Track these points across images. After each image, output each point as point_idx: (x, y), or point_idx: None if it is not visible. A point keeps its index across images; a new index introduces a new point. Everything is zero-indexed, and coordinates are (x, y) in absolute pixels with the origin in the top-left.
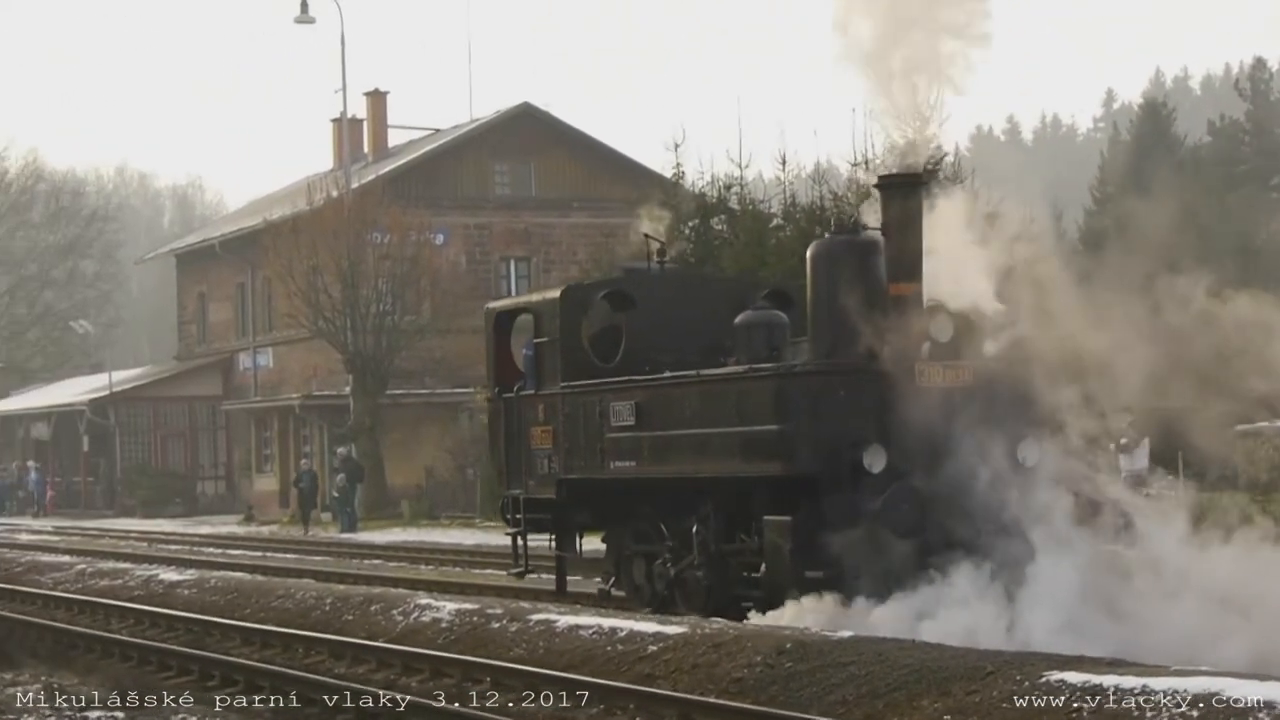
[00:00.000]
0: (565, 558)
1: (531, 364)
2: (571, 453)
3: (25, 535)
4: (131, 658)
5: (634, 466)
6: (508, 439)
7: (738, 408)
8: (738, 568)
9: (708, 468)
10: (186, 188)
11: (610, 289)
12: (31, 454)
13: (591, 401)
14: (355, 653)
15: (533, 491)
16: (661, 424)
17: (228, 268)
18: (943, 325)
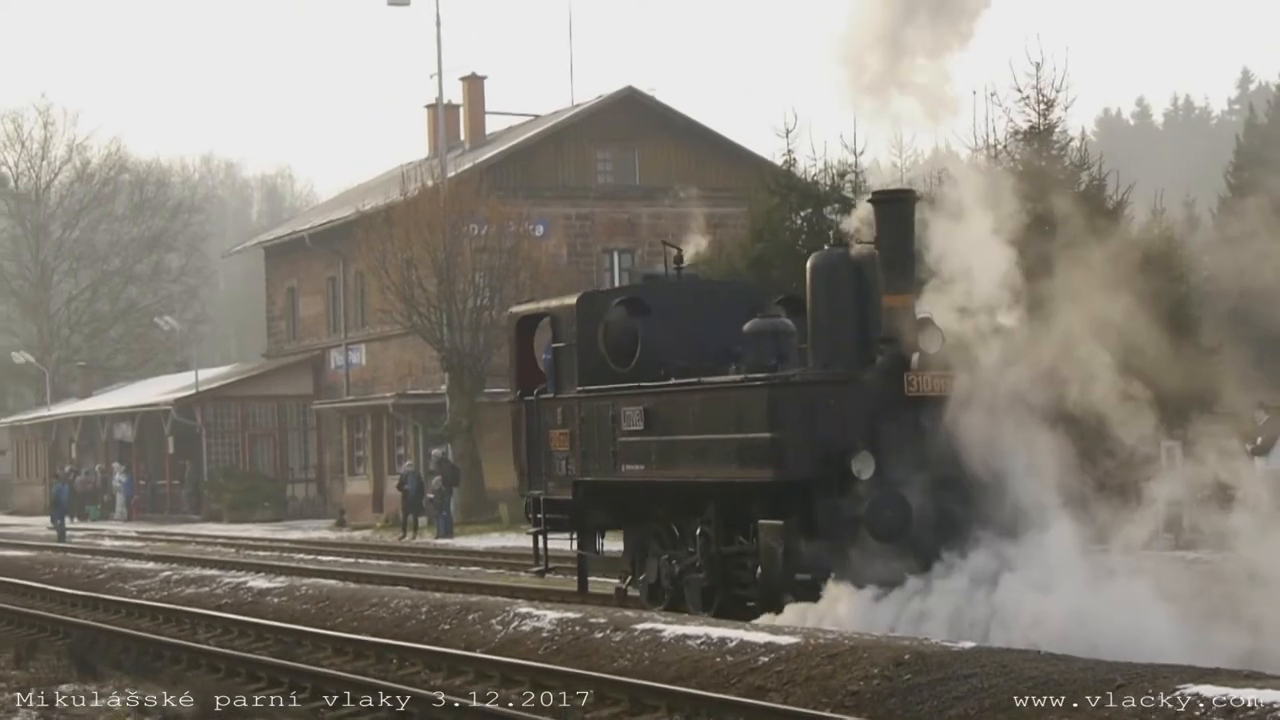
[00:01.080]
0: (586, 557)
1: (551, 368)
2: (587, 455)
3: (108, 541)
4: (219, 669)
5: (643, 470)
6: (529, 441)
7: (735, 415)
8: (738, 569)
9: (708, 472)
10: (275, 177)
11: (625, 296)
12: (115, 456)
13: (605, 406)
14: (452, 663)
15: (552, 492)
16: (667, 429)
17: (318, 261)
18: (932, 336)
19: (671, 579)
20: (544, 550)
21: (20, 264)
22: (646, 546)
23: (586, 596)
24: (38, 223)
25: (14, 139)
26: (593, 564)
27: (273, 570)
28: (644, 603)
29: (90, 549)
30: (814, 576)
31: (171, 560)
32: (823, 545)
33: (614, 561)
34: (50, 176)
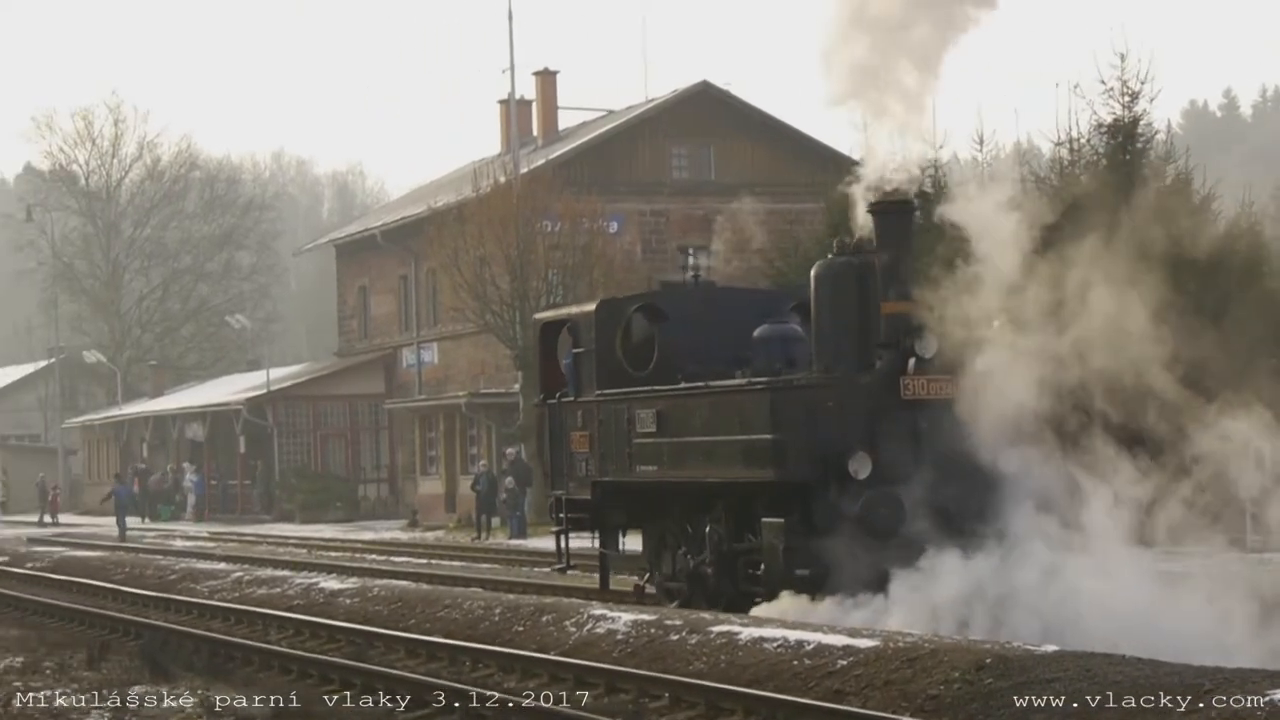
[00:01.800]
0: (608, 555)
1: (572, 373)
2: (605, 457)
3: (180, 541)
4: (291, 670)
5: (656, 470)
6: (551, 443)
7: (739, 418)
8: (745, 565)
9: (716, 473)
10: (346, 174)
11: (642, 303)
12: (186, 455)
13: (621, 409)
14: (526, 666)
15: (573, 492)
16: (678, 431)
17: (390, 259)
18: (928, 342)
19: (685, 575)
20: (566, 548)
21: (91, 263)
22: (662, 544)
23: (607, 593)
24: (109, 221)
25: (85, 137)
26: (614, 562)
27: (345, 571)
28: (661, 599)
29: (162, 549)
30: (812, 572)
31: (243, 561)
32: (821, 542)
33: (634, 559)
34: (121, 174)
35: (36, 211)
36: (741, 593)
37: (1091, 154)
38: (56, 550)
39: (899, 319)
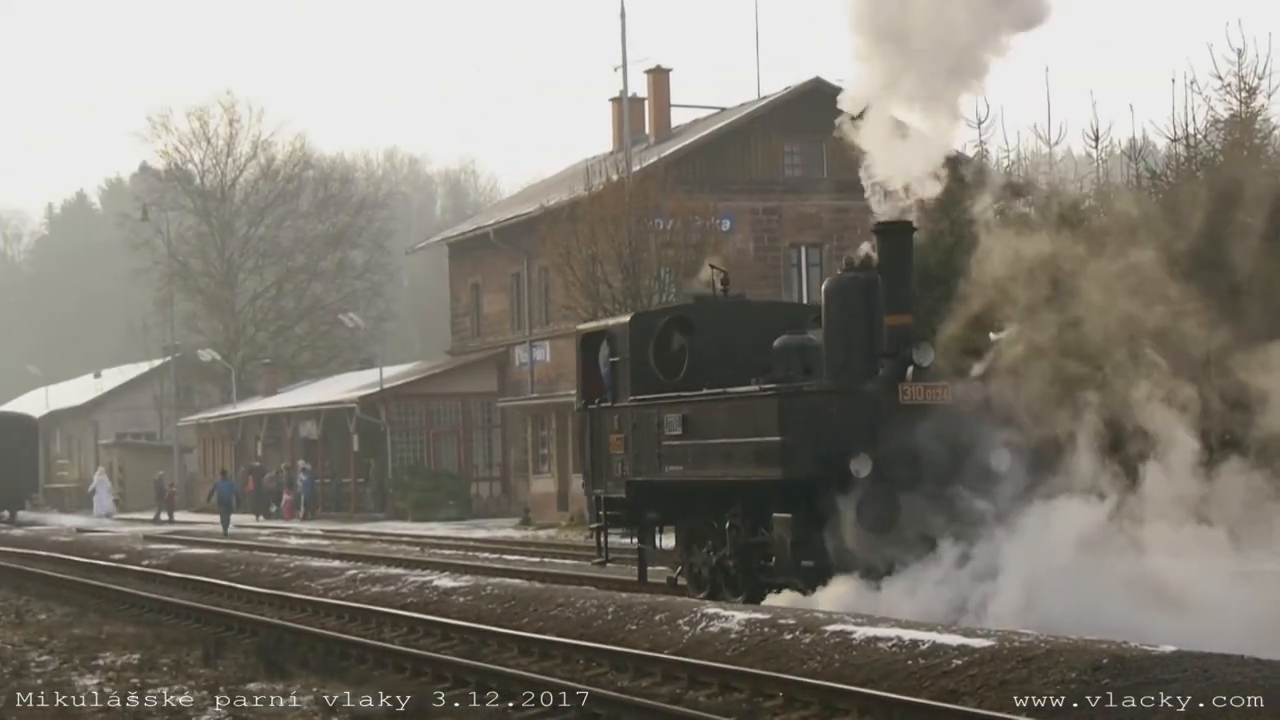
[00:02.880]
0: (645, 550)
1: (609, 380)
2: (637, 458)
3: (294, 539)
4: (405, 669)
5: (682, 470)
6: (591, 445)
7: (752, 421)
8: (761, 558)
9: (733, 472)
10: (459, 173)
11: (672, 315)
12: (300, 453)
13: (651, 414)
14: (639, 664)
15: (610, 491)
16: (701, 434)
17: (503, 257)
18: (925, 351)
19: (709, 568)
20: (605, 543)
21: (206, 261)
22: (691, 539)
23: (645, 585)
24: (223, 220)
25: (200, 136)
26: (650, 556)
27: (458, 569)
28: (691, 591)
29: (276, 547)
30: (816, 563)
31: (357, 559)
32: (824, 536)
33: (669, 553)
34: (235, 174)
35: (152, 211)
36: (760, 583)
37: (1208, 149)
38: (172, 548)
39: (900, 330)
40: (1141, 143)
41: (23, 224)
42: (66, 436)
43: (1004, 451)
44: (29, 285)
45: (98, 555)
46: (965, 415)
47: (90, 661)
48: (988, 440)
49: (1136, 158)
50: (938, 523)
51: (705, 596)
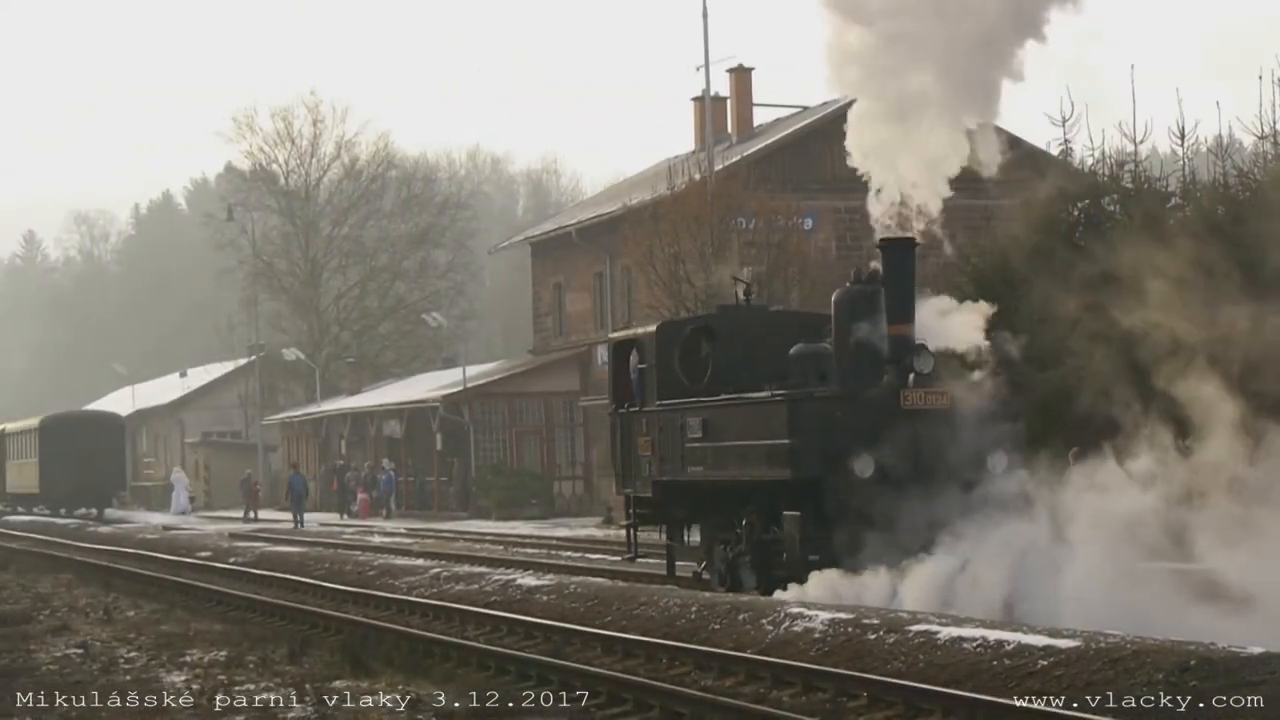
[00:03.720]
0: (674, 546)
1: (638, 385)
2: (663, 459)
3: (377, 538)
4: (489, 667)
5: (702, 471)
6: (622, 447)
7: (765, 425)
8: (774, 553)
9: (748, 473)
10: (541, 172)
11: (696, 324)
12: (384, 452)
13: (675, 417)
14: (723, 664)
15: (639, 491)
16: (719, 437)
17: (585, 256)
18: (925, 359)
19: (727, 563)
20: (635, 540)
21: (291, 261)
22: (712, 536)
23: (674, 579)
24: (307, 220)
25: (284, 137)
26: (678, 552)
27: (541, 568)
28: (714, 585)
29: (360, 545)
30: (821, 558)
31: (440, 557)
32: (829, 532)
33: (695, 549)
34: (319, 174)
35: (237, 211)
36: (775, 577)
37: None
38: (257, 546)
39: (902, 339)
40: (1228, 140)
41: (109, 224)
42: (153, 435)
43: (1000, 453)
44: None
45: (184, 553)
46: (964, 419)
47: (177, 658)
48: (985, 443)
49: (1223, 155)
50: (936, 520)
51: (727, 589)
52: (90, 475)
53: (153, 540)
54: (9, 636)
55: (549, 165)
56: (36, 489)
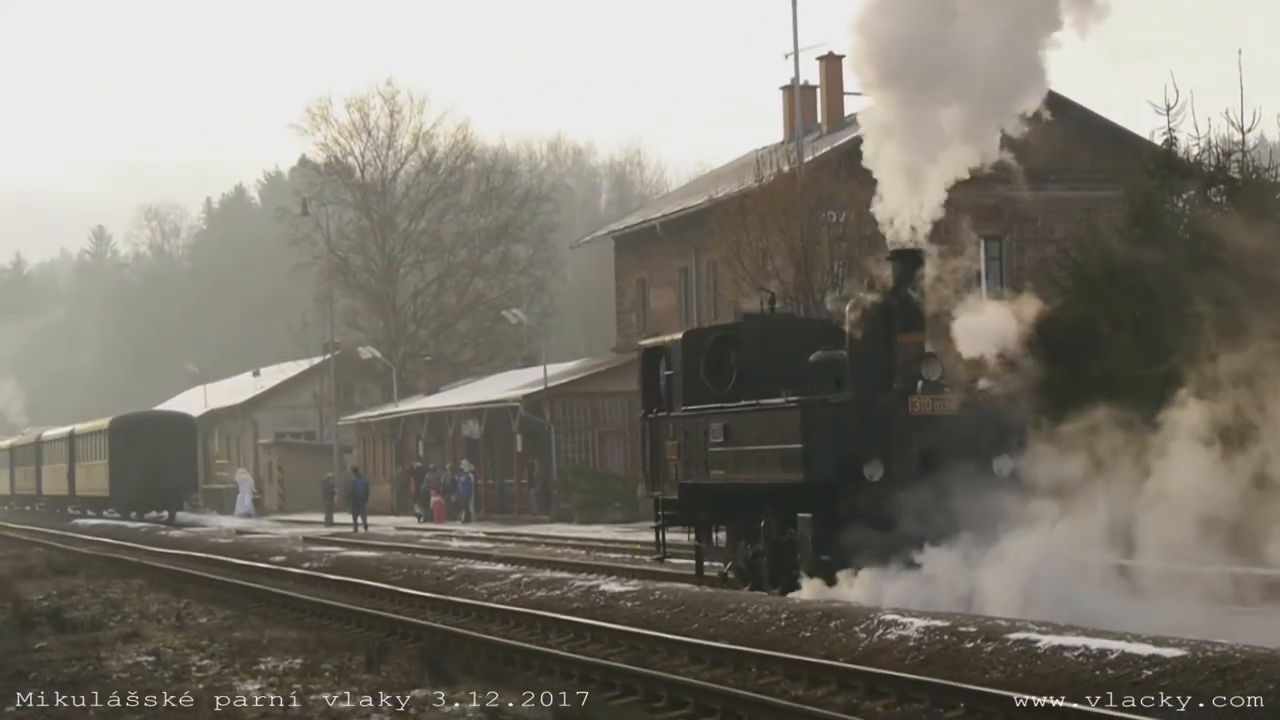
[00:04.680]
0: (702, 547)
1: (666, 392)
2: (688, 463)
3: (456, 542)
4: (572, 675)
5: (724, 474)
6: (651, 451)
7: (780, 430)
8: (790, 554)
9: (764, 476)
10: (624, 164)
11: (721, 332)
12: (462, 453)
13: (699, 423)
14: (814, 673)
15: (666, 493)
16: (739, 442)
17: (670, 250)
18: (933, 367)
19: (748, 562)
20: (663, 540)
21: (367, 257)
22: (737, 536)
23: (702, 579)
24: (384, 214)
25: (360, 128)
26: (706, 552)
27: (625, 573)
28: (738, 584)
29: (438, 550)
30: (833, 557)
31: (521, 562)
32: (839, 533)
33: (722, 550)
34: (396, 166)
35: (312, 205)
36: (791, 576)
37: None
38: (332, 550)
39: (911, 347)
40: None
41: (180, 219)
42: (225, 436)
43: (1006, 457)
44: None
45: (257, 557)
46: (970, 424)
47: (252, 666)
48: (990, 447)
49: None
50: (942, 522)
51: (750, 588)
52: (161, 478)
53: (225, 544)
54: (79, 644)
55: (632, 156)
56: (106, 492)
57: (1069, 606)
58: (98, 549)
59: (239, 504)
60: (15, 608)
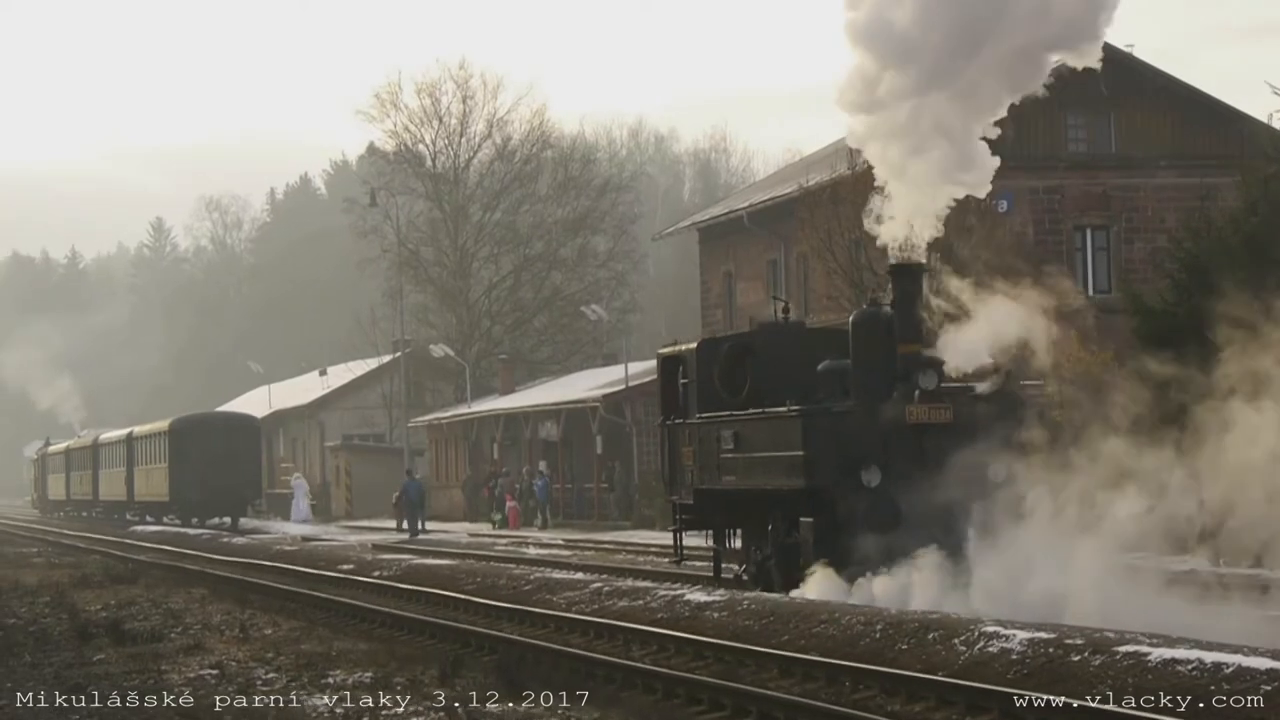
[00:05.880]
0: (719, 550)
1: (683, 399)
2: (702, 469)
3: (532, 549)
4: (656, 689)
5: (734, 480)
6: (670, 457)
7: (784, 438)
8: (796, 555)
9: (770, 482)
10: (709, 151)
11: (735, 341)
12: (539, 455)
13: (712, 430)
14: (911, 688)
15: (683, 498)
16: (748, 449)
17: (757, 242)
18: (930, 377)
19: (758, 564)
20: (680, 543)
21: (438, 249)
22: (749, 539)
23: (720, 580)
24: (456, 205)
25: (431, 114)
26: (723, 554)
27: (711, 582)
28: (750, 585)
29: (515, 558)
30: (833, 560)
31: (601, 570)
32: (840, 536)
33: (738, 552)
34: (469, 154)
35: (381, 195)
36: (797, 578)
37: None
38: (403, 558)
39: (910, 357)
40: None
41: (243, 210)
42: (290, 438)
43: (1000, 463)
44: (250, 276)
45: (324, 566)
46: (965, 431)
47: (320, 680)
48: (985, 453)
49: None
50: (938, 524)
51: (762, 589)
52: (224, 482)
53: (291, 552)
54: (140, 656)
55: (718, 143)
56: (166, 497)
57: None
58: (157, 557)
59: (295, 510)
60: (72, 618)
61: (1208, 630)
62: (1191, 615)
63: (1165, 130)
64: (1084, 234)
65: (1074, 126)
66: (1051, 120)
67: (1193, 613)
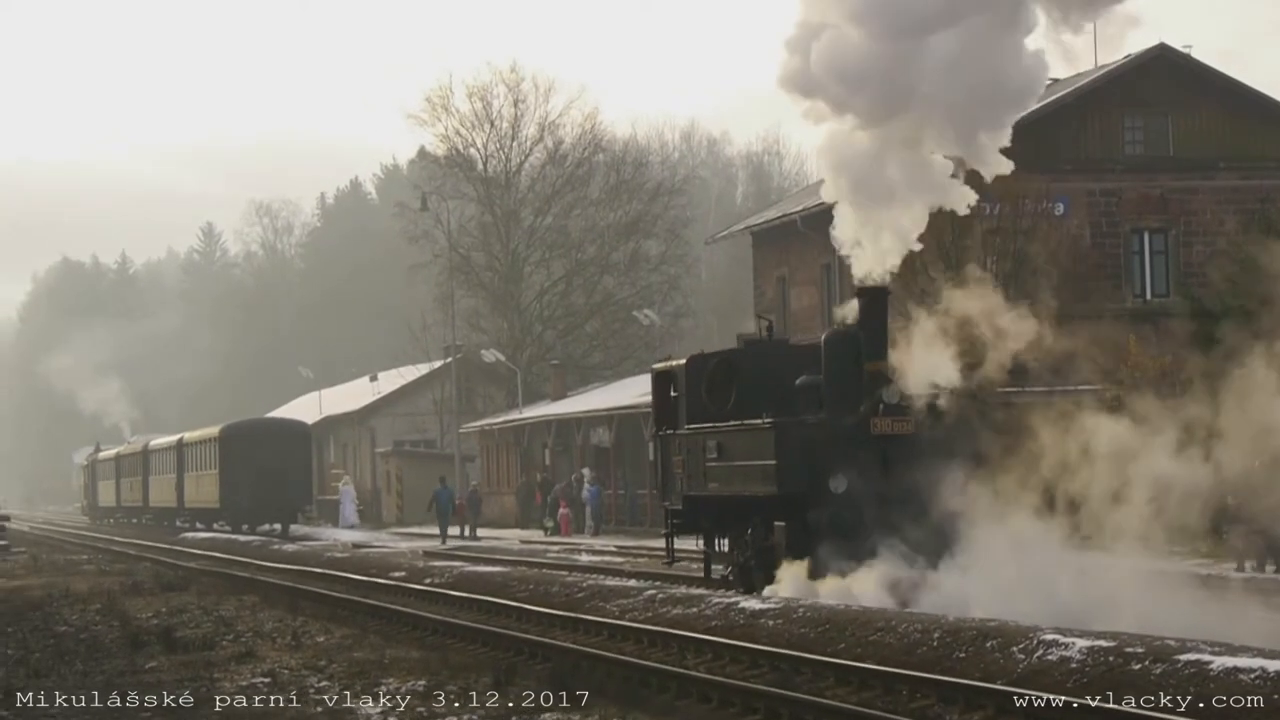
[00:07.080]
0: (709, 553)
1: (673, 411)
2: (690, 476)
3: (585, 556)
4: (711, 698)
5: (718, 487)
6: (663, 465)
7: (759, 448)
8: (773, 557)
9: (748, 489)
10: (762, 154)
11: (722, 357)
12: (591, 462)
13: (698, 440)
14: (970, 696)
15: (674, 504)
16: (729, 458)
17: (812, 246)
18: (893, 391)
19: (740, 565)
20: (671, 547)
21: (490, 254)
22: (735, 542)
23: (710, 582)
24: (507, 209)
25: (483, 118)
26: (713, 557)
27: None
28: (736, 585)
29: (567, 565)
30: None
31: (655, 578)
32: (809, 540)
33: (726, 555)
34: (521, 158)
35: (432, 200)
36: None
37: None
38: (455, 565)
39: (876, 374)
40: None
41: (293, 215)
42: (341, 444)
43: (958, 473)
44: (300, 281)
45: (376, 573)
46: (925, 442)
47: (372, 687)
48: (943, 462)
49: None
50: (899, 528)
51: (743, 591)
52: (274, 488)
53: (342, 559)
54: (191, 664)
55: (770, 146)
56: (216, 503)
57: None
58: (208, 564)
59: (342, 516)
60: (124, 626)
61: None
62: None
63: (1223, 132)
64: (1141, 237)
65: (1131, 129)
66: (1108, 123)
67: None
